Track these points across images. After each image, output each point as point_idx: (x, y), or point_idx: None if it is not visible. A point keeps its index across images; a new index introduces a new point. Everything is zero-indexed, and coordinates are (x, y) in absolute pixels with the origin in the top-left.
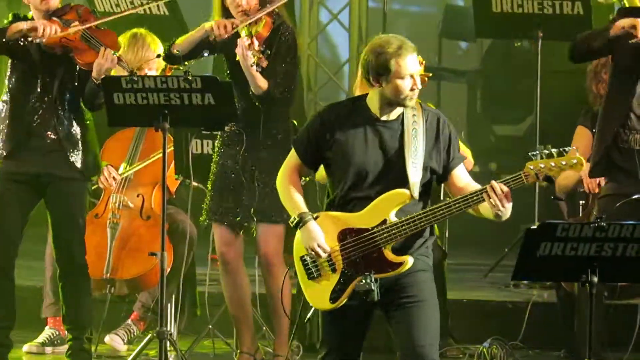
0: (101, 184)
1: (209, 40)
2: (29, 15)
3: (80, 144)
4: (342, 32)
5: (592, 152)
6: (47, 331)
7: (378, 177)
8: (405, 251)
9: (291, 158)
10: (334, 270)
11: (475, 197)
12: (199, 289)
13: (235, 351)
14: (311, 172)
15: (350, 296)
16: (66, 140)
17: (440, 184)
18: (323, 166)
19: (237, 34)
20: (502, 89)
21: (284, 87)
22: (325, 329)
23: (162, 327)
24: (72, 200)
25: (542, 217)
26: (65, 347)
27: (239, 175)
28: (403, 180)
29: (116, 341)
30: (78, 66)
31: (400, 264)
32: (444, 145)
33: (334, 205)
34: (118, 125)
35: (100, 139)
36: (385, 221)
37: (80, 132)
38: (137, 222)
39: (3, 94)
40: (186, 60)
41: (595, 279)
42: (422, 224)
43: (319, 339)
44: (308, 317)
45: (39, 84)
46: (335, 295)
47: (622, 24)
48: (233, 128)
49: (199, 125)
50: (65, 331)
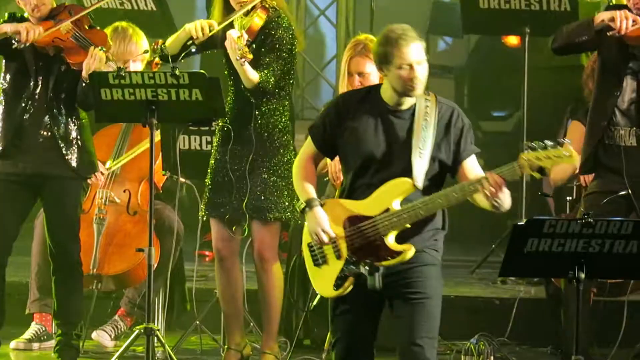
0: (89, 180)
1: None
2: (27, 15)
3: (75, 142)
4: (330, 28)
5: (582, 147)
6: (34, 327)
7: (383, 165)
8: (412, 242)
9: (307, 146)
10: (339, 257)
11: (471, 187)
12: (186, 285)
13: (223, 347)
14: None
15: (354, 284)
16: (60, 139)
17: (454, 177)
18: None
19: (231, 28)
20: (489, 85)
21: (277, 81)
22: (332, 318)
23: (149, 323)
24: (67, 200)
25: (530, 213)
26: (52, 342)
27: (234, 172)
28: (407, 170)
29: (103, 337)
30: (71, 66)
31: (400, 253)
32: (454, 138)
33: (344, 193)
34: (106, 121)
35: None
36: (387, 209)
37: (75, 131)
38: (123, 218)
39: None
40: (181, 59)
41: (583, 275)
42: (421, 212)
43: (306, 335)
44: (307, 305)
45: (32, 84)
46: (339, 282)
47: (602, 16)
48: (227, 123)
49: (186, 120)
50: (54, 326)
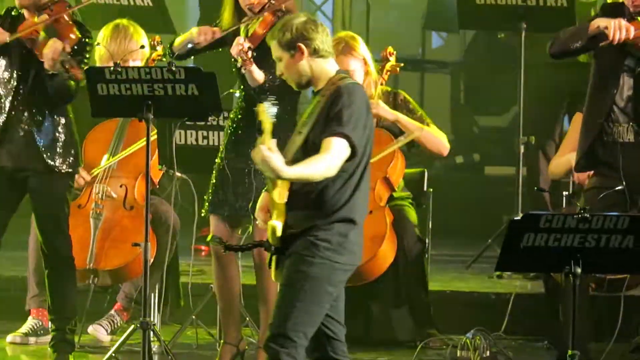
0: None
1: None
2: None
3: (57, 139)
4: (326, 23)
5: (578, 145)
6: (31, 321)
7: None
8: (291, 227)
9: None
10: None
11: None
12: (183, 279)
13: (219, 341)
14: None
15: None
16: (40, 135)
17: None
18: None
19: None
20: (485, 80)
21: (283, 83)
22: None
23: (145, 318)
24: (51, 195)
25: (526, 208)
26: (49, 337)
27: (239, 171)
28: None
29: (99, 332)
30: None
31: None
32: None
33: None
34: (102, 116)
35: (83, 130)
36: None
37: (57, 127)
38: (120, 213)
39: None
40: (186, 58)
41: (579, 270)
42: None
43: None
44: None
45: (15, 79)
46: None
47: (598, 23)
48: (235, 121)
49: (182, 115)
50: (49, 322)
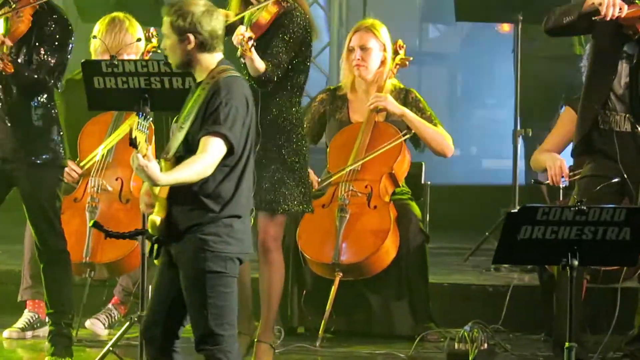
0: (65, 179)
1: None
2: None
3: (40, 131)
4: (322, 14)
5: (574, 132)
6: (27, 315)
7: None
8: (176, 223)
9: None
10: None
11: None
12: None
13: None
14: None
15: None
16: (19, 128)
17: None
18: None
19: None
20: (482, 72)
21: (285, 73)
22: None
23: (142, 311)
24: (39, 188)
25: (523, 201)
26: (46, 329)
27: None
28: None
29: (97, 326)
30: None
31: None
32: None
33: None
34: (98, 109)
35: (79, 123)
36: None
37: (40, 118)
38: (116, 206)
39: None
40: None
41: (576, 263)
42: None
43: (300, 322)
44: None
45: None
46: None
47: (592, 0)
48: None
49: (179, 109)
50: (46, 315)
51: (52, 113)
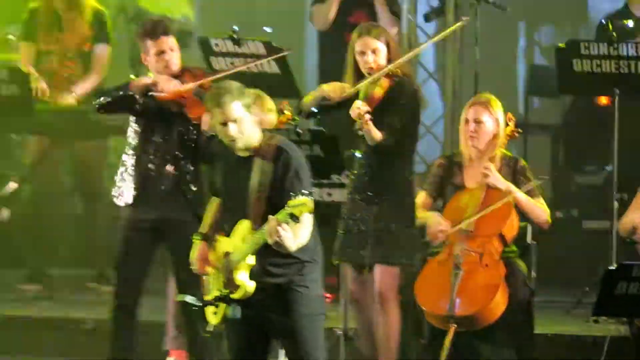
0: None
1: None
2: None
3: (194, 189)
4: (437, 88)
5: None
6: None
7: None
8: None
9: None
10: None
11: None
12: None
13: None
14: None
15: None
16: (181, 188)
17: None
18: None
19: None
20: (583, 141)
21: (399, 140)
22: None
23: None
24: (188, 242)
25: (620, 259)
26: None
27: (362, 220)
28: None
29: None
30: (192, 120)
31: (238, 287)
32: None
33: None
34: None
35: None
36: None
37: (194, 179)
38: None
39: (127, 148)
40: (317, 115)
41: None
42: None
43: None
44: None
45: (157, 137)
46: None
47: None
48: (354, 175)
49: None
50: None
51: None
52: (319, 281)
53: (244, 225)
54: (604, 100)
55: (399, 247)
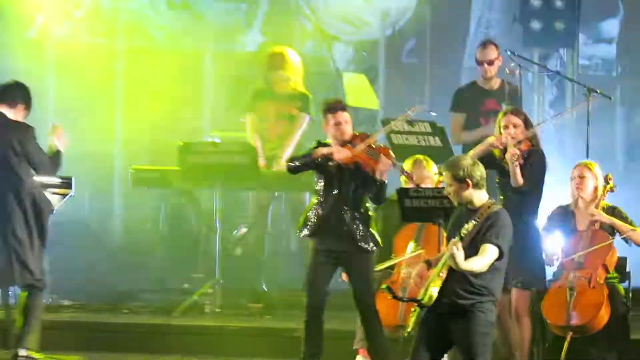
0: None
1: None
2: (327, 141)
3: (362, 227)
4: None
5: None
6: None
7: None
8: (457, 297)
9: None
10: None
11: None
12: None
13: None
14: None
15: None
16: (353, 225)
17: None
18: None
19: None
20: None
21: (532, 189)
22: None
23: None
24: (361, 269)
25: None
26: None
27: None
28: None
29: None
30: (368, 173)
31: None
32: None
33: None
34: (412, 221)
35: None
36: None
37: (362, 218)
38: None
39: (315, 195)
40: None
41: None
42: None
43: None
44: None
45: (336, 188)
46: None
47: None
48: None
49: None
50: None
51: (372, 214)
52: (493, 311)
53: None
54: None
55: (532, 275)
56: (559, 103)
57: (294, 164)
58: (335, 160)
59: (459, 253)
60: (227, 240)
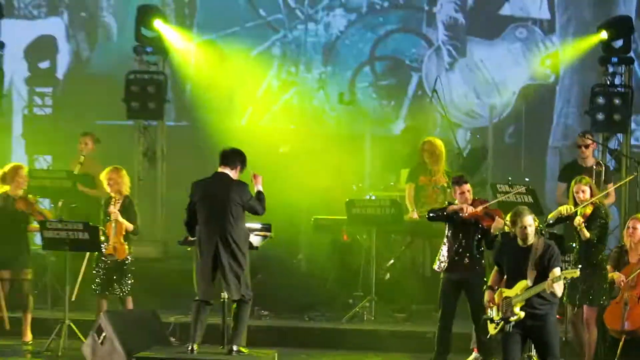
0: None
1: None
2: (455, 202)
3: (477, 263)
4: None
5: None
6: (473, 355)
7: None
8: (534, 309)
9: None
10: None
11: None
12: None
13: None
14: None
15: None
16: (471, 262)
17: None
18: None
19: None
20: None
21: (598, 238)
22: None
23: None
24: (475, 292)
25: None
26: None
27: (578, 279)
28: None
29: None
30: (484, 227)
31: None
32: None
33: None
34: None
35: None
36: (516, 295)
37: (478, 257)
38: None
39: (445, 239)
40: (554, 225)
41: None
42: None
43: None
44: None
45: (461, 237)
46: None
47: None
48: (574, 254)
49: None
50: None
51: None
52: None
53: (523, 283)
54: None
55: (598, 295)
56: (617, 171)
57: (432, 215)
58: (462, 214)
59: (559, 288)
60: (380, 269)
